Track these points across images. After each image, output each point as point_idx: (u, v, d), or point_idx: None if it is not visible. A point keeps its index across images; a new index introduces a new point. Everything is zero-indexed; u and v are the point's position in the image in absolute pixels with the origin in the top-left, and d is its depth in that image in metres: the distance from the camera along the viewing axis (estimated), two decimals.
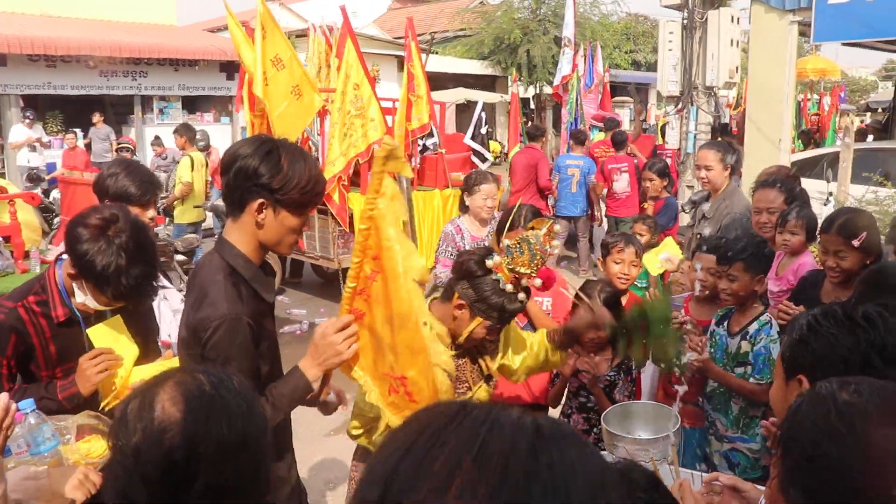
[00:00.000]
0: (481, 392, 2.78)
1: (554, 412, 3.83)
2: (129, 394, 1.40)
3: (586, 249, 9.65)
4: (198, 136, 12.21)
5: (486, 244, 4.82)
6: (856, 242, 3.08)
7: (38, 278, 2.53)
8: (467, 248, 4.84)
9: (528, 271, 2.38)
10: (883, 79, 43.83)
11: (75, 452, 2.20)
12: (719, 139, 11.07)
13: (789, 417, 1.33)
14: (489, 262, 2.41)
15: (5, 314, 2.39)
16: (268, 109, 7.50)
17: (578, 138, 10.18)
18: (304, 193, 2.17)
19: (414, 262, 2.10)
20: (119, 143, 13.60)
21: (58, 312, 2.44)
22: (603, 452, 2.98)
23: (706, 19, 9.23)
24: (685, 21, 9.44)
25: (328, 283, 9.23)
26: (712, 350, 3.39)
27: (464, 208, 5.21)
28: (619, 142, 9.56)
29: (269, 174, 2.10)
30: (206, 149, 11.59)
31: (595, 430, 3.49)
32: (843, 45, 12.27)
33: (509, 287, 2.39)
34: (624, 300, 3.86)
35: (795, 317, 2.68)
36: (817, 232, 3.68)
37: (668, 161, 8.46)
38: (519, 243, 2.38)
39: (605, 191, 9.21)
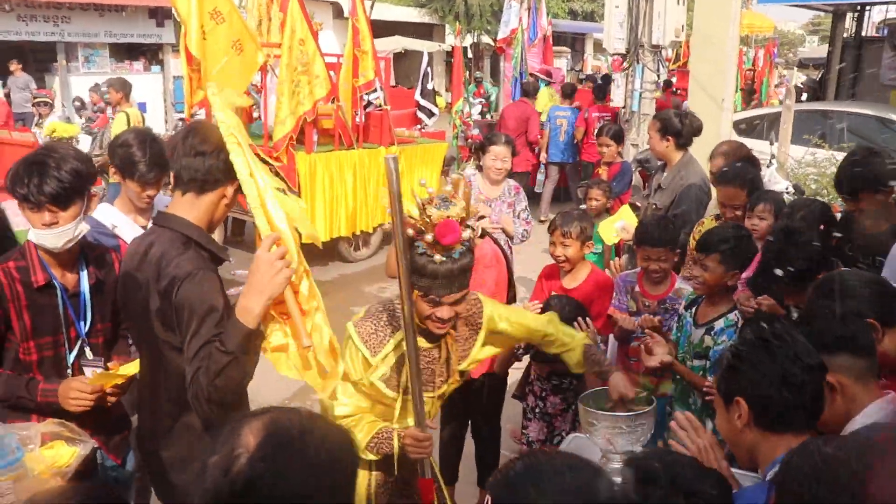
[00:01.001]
0: (451, 387, 2.73)
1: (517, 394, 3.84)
2: (232, 418, 1.42)
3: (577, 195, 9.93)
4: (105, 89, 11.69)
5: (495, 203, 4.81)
6: None
7: (18, 247, 2.61)
8: (474, 202, 4.80)
9: (431, 234, 2.35)
10: (810, 33, 44.84)
11: (41, 462, 2.11)
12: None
13: (783, 469, 1.57)
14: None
15: None
16: (203, 67, 7.18)
17: (566, 91, 11.24)
18: None
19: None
20: (36, 97, 12.75)
21: (37, 277, 2.51)
22: (579, 435, 2.99)
23: None
24: None
25: None
26: (678, 334, 3.39)
27: (480, 167, 5.30)
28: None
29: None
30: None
31: (572, 408, 3.51)
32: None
33: (420, 248, 2.38)
34: (584, 275, 3.87)
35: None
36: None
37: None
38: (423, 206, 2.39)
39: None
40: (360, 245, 8.85)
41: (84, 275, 2.63)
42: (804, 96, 15.81)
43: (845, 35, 14.85)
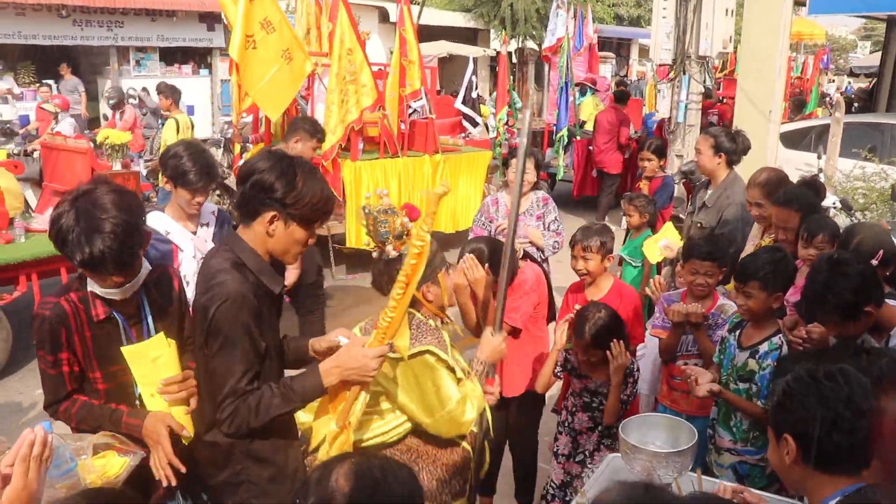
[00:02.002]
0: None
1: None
2: (316, 466, 1.65)
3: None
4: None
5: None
6: (874, 261, 3.06)
7: (77, 275, 2.49)
8: (500, 219, 4.87)
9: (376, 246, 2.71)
10: (862, 38, 43.84)
11: (91, 472, 2.19)
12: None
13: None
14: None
15: (50, 309, 2.38)
16: (245, 79, 7.26)
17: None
18: (315, 210, 2.35)
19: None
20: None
21: (97, 311, 2.41)
22: (617, 455, 3.01)
23: None
24: None
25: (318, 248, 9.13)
26: (720, 357, 3.39)
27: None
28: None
29: (284, 190, 2.27)
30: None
31: (599, 427, 3.51)
32: None
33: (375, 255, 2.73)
34: (607, 287, 3.88)
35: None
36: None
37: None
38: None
39: None
40: None
41: (145, 302, 2.53)
42: (854, 106, 15.52)
43: None
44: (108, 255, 2.19)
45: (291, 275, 4.94)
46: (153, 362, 2.46)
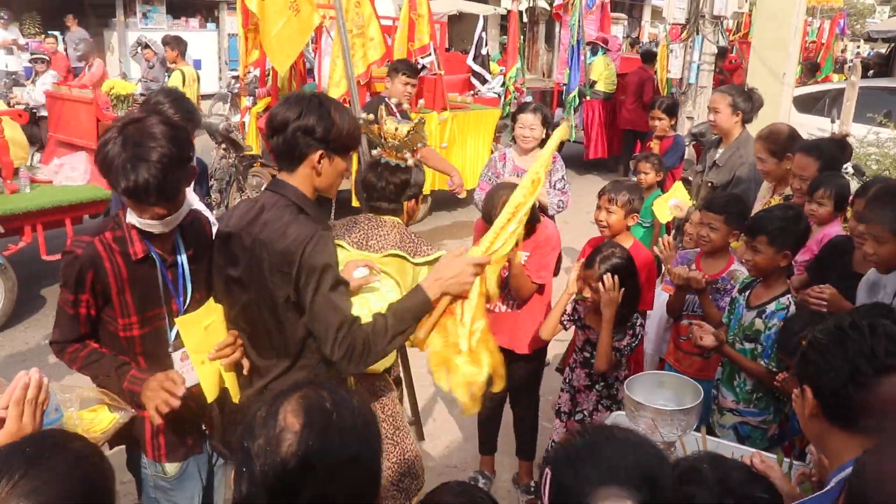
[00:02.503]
0: None
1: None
2: (258, 402, 1.49)
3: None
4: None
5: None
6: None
7: (112, 216, 2.42)
8: (507, 175, 4.79)
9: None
10: (881, 3, 43.06)
11: (78, 425, 2.13)
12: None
13: (854, 477, 1.50)
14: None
15: (83, 248, 2.30)
16: (262, 29, 7.24)
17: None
18: (352, 138, 2.46)
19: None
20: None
21: (136, 248, 2.33)
22: (621, 413, 2.99)
23: None
24: None
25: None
26: (729, 317, 3.35)
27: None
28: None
29: (324, 129, 2.35)
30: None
31: (597, 386, 3.47)
32: None
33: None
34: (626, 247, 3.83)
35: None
36: (850, 200, 3.60)
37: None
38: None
39: None
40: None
41: (181, 245, 2.46)
42: (870, 72, 15.27)
43: None
44: (152, 185, 2.13)
45: None
46: (205, 330, 2.42)
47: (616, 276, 3.23)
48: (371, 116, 3.28)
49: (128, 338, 2.38)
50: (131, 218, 2.29)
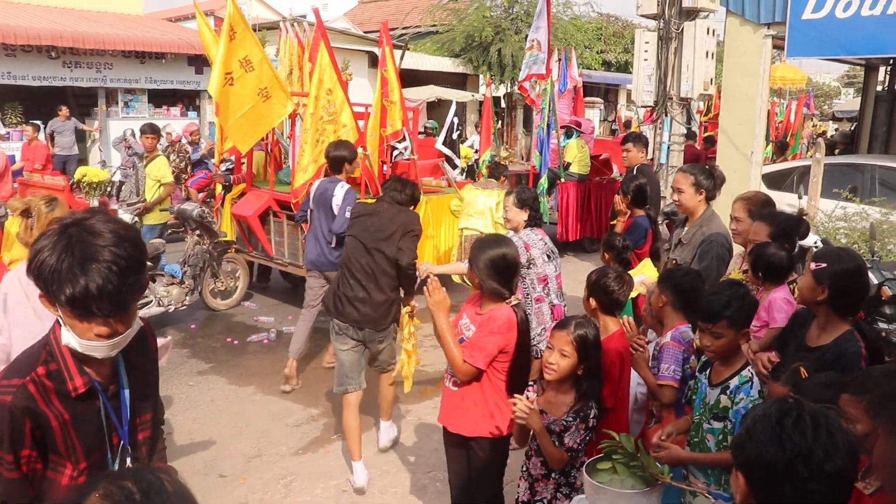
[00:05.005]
0: None
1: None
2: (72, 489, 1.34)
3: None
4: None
5: None
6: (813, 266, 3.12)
7: (42, 343, 2.00)
8: None
9: None
10: (846, 85, 44.58)
11: None
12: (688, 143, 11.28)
13: None
14: None
15: (13, 394, 1.87)
16: (221, 113, 7.42)
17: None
18: None
19: None
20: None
21: (76, 383, 1.95)
22: (583, 498, 2.91)
23: (682, 30, 9.19)
24: (661, 32, 9.39)
25: (295, 289, 9.07)
26: (692, 396, 3.31)
27: None
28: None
29: None
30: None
31: (553, 474, 3.32)
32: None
33: None
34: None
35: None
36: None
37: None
38: None
39: None
40: None
41: (123, 372, 2.09)
42: (836, 151, 15.66)
43: (878, 88, 14.76)
44: (105, 290, 1.78)
45: None
46: None
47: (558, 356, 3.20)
48: None
49: (76, 487, 1.96)
50: (69, 339, 1.90)
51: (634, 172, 6.96)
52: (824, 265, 3.13)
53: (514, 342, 3.49)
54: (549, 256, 5.13)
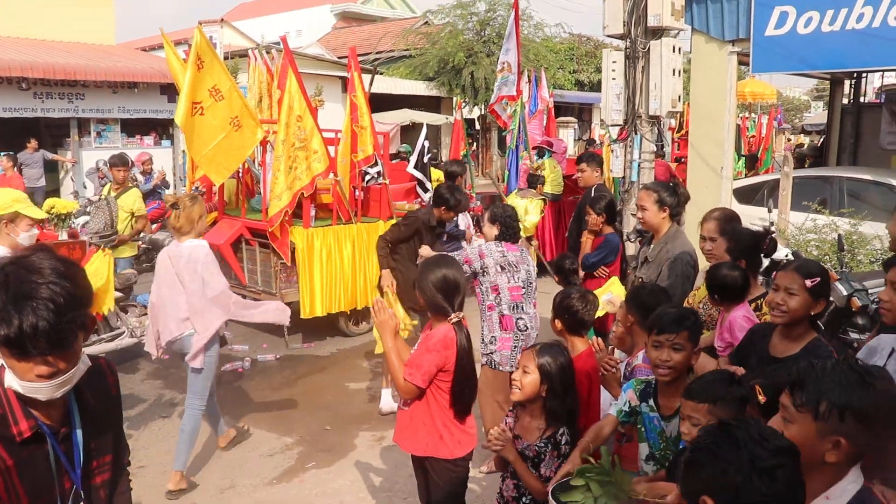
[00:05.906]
0: None
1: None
2: None
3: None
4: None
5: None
6: (808, 283, 3.07)
7: None
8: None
9: None
10: (815, 98, 45.28)
11: None
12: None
13: None
14: None
15: None
16: (189, 143, 7.36)
17: None
18: None
19: None
20: None
21: (20, 427, 1.87)
22: None
23: (648, 49, 9.29)
24: (628, 51, 9.49)
25: None
26: (643, 431, 3.16)
27: None
28: None
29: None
30: None
31: (524, 498, 3.31)
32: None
33: None
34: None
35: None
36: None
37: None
38: None
39: None
40: (360, 320, 8.76)
41: (76, 412, 2.01)
42: (807, 163, 15.88)
43: (844, 101, 15.01)
44: (41, 328, 1.72)
45: None
46: None
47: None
48: None
49: None
50: (11, 381, 1.84)
51: (593, 193, 6.98)
52: (818, 279, 3.10)
53: (453, 360, 3.48)
54: (502, 268, 5.13)
